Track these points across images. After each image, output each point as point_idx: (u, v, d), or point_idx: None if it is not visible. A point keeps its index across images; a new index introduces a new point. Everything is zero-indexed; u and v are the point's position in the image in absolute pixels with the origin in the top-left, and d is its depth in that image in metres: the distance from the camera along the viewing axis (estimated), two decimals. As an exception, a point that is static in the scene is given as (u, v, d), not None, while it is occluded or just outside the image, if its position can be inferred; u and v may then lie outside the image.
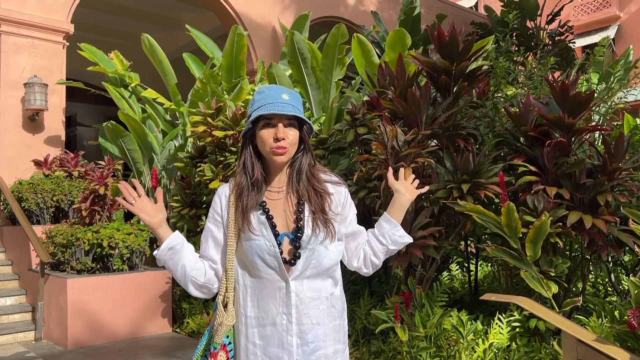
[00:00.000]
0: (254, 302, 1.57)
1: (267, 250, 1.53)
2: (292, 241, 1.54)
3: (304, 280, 1.55)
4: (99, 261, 5.46)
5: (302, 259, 1.54)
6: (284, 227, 1.57)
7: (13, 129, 7.44)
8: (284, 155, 1.53)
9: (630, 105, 5.07)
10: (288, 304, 1.53)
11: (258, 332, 1.56)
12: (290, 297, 1.53)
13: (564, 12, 16.94)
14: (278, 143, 1.51)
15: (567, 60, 12.81)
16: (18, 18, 7.47)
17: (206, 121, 5.14)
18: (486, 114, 4.10)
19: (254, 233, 1.54)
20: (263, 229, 1.55)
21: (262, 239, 1.54)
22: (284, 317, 1.53)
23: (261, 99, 1.54)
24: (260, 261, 1.54)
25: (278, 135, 1.51)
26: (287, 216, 1.58)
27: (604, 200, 3.22)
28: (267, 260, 1.53)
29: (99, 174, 5.80)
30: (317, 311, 1.56)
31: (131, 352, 4.86)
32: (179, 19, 11.08)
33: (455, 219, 3.93)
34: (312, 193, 1.58)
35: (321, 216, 1.56)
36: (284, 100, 1.52)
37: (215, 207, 1.65)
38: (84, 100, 11.98)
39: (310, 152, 1.62)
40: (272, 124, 1.53)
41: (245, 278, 1.59)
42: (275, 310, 1.54)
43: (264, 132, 1.53)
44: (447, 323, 3.44)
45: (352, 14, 11.42)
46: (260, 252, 1.53)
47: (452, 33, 3.66)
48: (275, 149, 1.52)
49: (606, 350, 1.99)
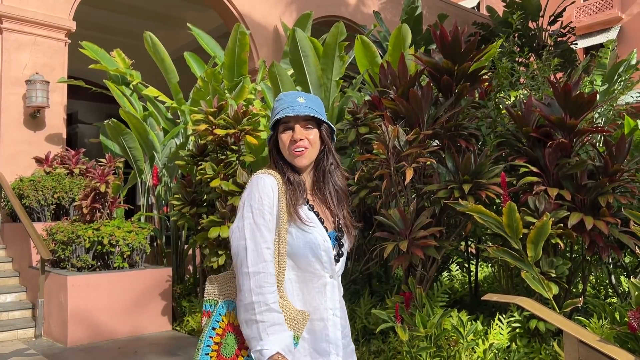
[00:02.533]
0: (300, 297, 1.57)
1: (321, 244, 1.55)
2: (336, 239, 1.61)
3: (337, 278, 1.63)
4: (99, 259, 5.47)
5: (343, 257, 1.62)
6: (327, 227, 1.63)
7: (14, 126, 7.44)
8: (303, 156, 1.57)
9: (633, 107, 5.07)
10: (333, 299, 1.58)
11: (306, 326, 1.55)
12: (335, 292, 1.59)
13: (566, 13, 16.92)
14: (296, 144, 1.55)
15: (569, 62, 12.81)
16: (20, 15, 7.47)
17: (208, 119, 5.14)
18: (488, 115, 4.10)
19: (308, 224, 1.54)
20: (315, 223, 1.57)
21: (316, 232, 1.56)
22: (329, 312, 1.57)
23: (279, 106, 1.59)
24: (311, 255, 1.55)
25: (295, 136, 1.56)
26: (327, 216, 1.64)
27: (605, 202, 3.22)
28: (318, 254, 1.56)
29: (100, 171, 5.80)
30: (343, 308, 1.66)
31: (131, 349, 4.86)
32: (181, 17, 11.08)
33: (456, 219, 3.93)
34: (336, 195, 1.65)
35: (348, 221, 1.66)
36: (300, 103, 1.57)
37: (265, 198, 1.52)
38: (85, 98, 11.98)
39: (332, 153, 1.65)
40: (291, 127, 1.57)
41: (290, 272, 1.57)
42: (322, 306, 1.57)
43: (283, 136, 1.59)
44: (447, 323, 3.44)
45: (353, 13, 11.42)
46: (314, 246, 1.55)
47: (454, 33, 3.65)
48: (293, 150, 1.56)
49: (609, 351, 1.99)
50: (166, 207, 6.85)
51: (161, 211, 6.86)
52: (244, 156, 5.24)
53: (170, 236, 6.62)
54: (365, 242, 4.54)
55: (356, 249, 4.59)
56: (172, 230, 6.54)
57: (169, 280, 5.69)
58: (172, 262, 6.46)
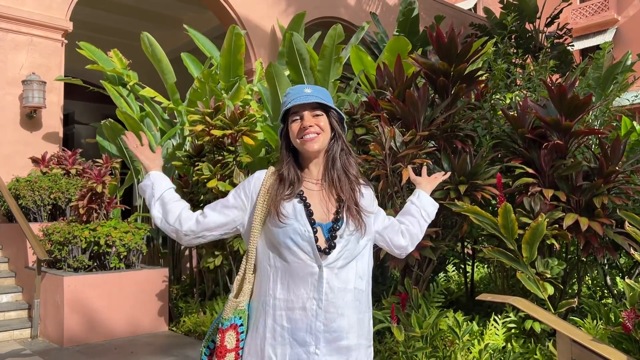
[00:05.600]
0: (284, 285, 1.58)
1: (301, 234, 1.56)
2: (329, 231, 1.59)
3: (334, 270, 1.59)
4: (95, 259, 5.46)
5: (336, 250, 1.58)
6: (320, 218, 1.62)
7: (11, 126, 7.43)
8: (313, 142, 1.61)
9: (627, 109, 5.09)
10: (319, 290, 1.56)
11: (286, 314, 1.57)
12: (322, 283, 1.56)
13: (562, 15, 16.98)
14: (306, 130, 1.61)
15: (565, 63, 12.85)
16: (17, 15, 7.46)
17: (204, 120, 5.14)
18: (484, 116, 4.12)
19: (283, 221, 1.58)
20: (298, 215, 1.58)
21: (296, 224, 1.57)
22: (314, 302, 1.56)
23: (287, 100, 1.66)
24: (292, 244, 1.57)
25: (304, 123, 1.61)
26: (326, 207, 1.64)
27: (600, 203, 3.24)
28: (301, 245, 1.56)
29: (97, 172, 5.79)
30: (343, 302, 1.59)
31: (127, 350, 4.86)
32: (178, 18, 11.08)
33: (452, 220, 3.95)
34: (346, 183, 1.66)
35: (354, 208, 1.63)
36: (307, 94, 1.63)
37: (246, 186, 1.70)
38: (82, 99, 11.96)
39: (341, 139, 1.70)
40: (300, 117, 1.63)
41: (276, 260, 1.60)
42: (306, 295, 1.56)
43: (292, 125, 1.64)
44: (443, 324, 3.45)
45: (351, 14, 11.43)
46: (293, 235, 1.56)
47: (450, 35, 3.67)
48: (303, 136, 1.61)
49: (601, 351, 2.00)
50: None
51: (158, 212, 6.84)
52: (241, 157, 5.25)
53: (167, 237, 6.62)
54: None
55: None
56: (169, 230, 6.52)
57: (165, 281, 5.69)
58: (168, 263, 6.45)
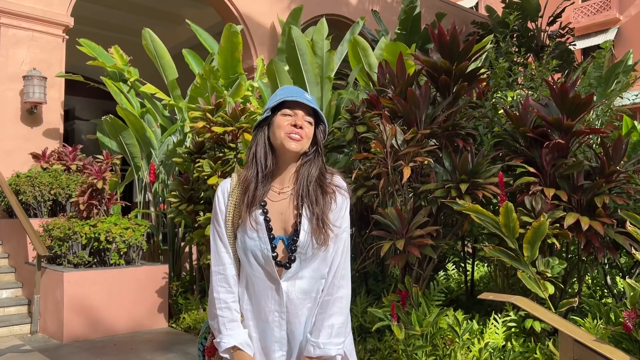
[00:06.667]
0: (250, 296, 1.61)
1: (261, 251, 1.55)
2: (287, 245, 1.55)
3: (296, 282, 1.56)
4: (95, 255, 5.46)
5: (296, 263, 1.55)
6: (280, 230, 1.57)
7: (11, 122, 7.42)
8: (298, 143, 1.54)
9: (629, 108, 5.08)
10: (280, 303, 1.56)
11: (253, 324, 1.60)
12: (282, 297, 1.56)
13: (564, 14, 16.94)
14: (295, 130, 1.53)
15: (567, 62, 12.83)
16: (18, 10, 7.44)
17: (205, 117, 5.14)
18: (485, 115, 4.11)
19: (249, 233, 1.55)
20: (259, 229, 1.55)
21: (256, 241, 1.55)
22: (276, 314, 1.57)
23: (284, 93, 1.59)
24: (253, 259, 1.56)
25: (297, 122, 1.54)
26: (286, 219, 1.58)
27: (602, 203, 3.23)
28: (260, 261, 1.56)
29: (97, 168, 5.79)
30: (305, 310, 1.58)
31: (127, 346, 4.86)
32: (179, 14, 11.05)
33: (452, 218, 3.94)
34: (320, 197, 1.57)
35: (321, 223, 1.54)
36: (307, 98, 1.58)
37: (218, 205, 1.62)
38: (83, 95, 11.95)
39: (321, 156, 1.62)
40: (292, 114, 1.55)
41: (245, 268, 1.61)
42: (267, 308, 1.57)
43: (281, 118, 1.56)
44: (443, 322, 3.45)
45: (352, 12, 11.41)
46: (253, 251, 1.55)
47: (452, 33, 3.66)
48: (291, 133, 1.53)
49: (604, 351, 1.99)
50: (163, 205, 6.84)
51: (158, 208, 6.85)
52: (242, 154, 5.24)
53: (167, 233, 6.61)
54: (362, 241, 4.55)
55: (353, 248, 4.60)
56: (169, 227, 6.53)
57: (165, 278, 5.69)
58: (168, 259, 6.46)
